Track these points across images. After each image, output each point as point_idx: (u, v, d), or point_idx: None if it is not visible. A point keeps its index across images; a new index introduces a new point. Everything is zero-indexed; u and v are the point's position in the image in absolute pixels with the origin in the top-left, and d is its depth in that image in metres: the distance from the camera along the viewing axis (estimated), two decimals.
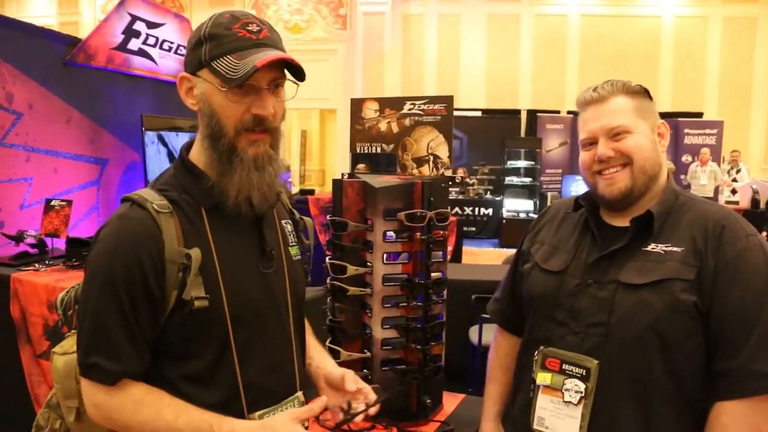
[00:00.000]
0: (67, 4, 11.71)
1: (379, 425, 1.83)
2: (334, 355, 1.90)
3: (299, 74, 1.23)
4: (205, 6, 11.76)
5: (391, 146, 5.04)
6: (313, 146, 14.87)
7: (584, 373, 1.35)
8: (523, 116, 10.62)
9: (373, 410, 1.33)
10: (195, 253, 1.17)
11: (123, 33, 4.11)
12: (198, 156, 1.25)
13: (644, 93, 1.46)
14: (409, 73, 11.09)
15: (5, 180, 3.15)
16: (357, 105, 5.20)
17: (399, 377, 1.84)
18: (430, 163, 4.95)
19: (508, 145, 9.43)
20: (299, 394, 1.35)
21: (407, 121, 4.97)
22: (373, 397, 1.34)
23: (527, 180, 9.42)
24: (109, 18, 4.02)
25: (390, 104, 5.09)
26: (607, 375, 1.34)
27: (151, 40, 4.41)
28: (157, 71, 4.56)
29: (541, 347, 1.44)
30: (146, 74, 4.41)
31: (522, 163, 9.55)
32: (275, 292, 1.32)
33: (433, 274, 1.85)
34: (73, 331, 1.31)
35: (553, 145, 10.09)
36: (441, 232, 1.84)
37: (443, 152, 4.91)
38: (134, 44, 4.26)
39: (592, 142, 1.44)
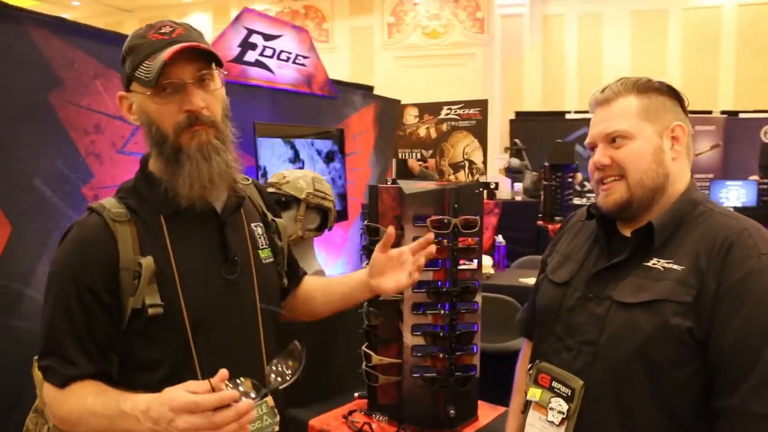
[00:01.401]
0: (221, 18, 12.58)
1: (402, 430, 1.84)
2: (366, 358, 1.92)
3: (215, 60, 1.24)
4: (345, 15, 12.16)
5: (430, 152, 4.96)
6: None
7: (569, 393, 1.27)
8: None
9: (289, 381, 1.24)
10: (146, 261, 1.18)
11: (239, 46, 4.36)
12: (154, 164, 1.29)
13: (660, 91, 1.32)
14: (549, 75, 10.79)
15: None
16: (399, 111, 5.16)
17: (427, 385, 1.83)
18: (466, 168, 4.82)
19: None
20: (267, 399, 1.30)
21: (444, 126, 4.88)
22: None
23: None
24: (225, 33, 4.29)
25: (428, 109, 5.03)
26: (592, 398, 1.24)
27: (268, 51, 4.64)
28: (274, 80, 4.77)
29: (537, 361, 1.38)
30: (263, 83, 4.62)
31: None
32: (240, 298, 1.30)
33: (465, 282, 1.82)
34: None
35: (702, 147, 9.38)
36: (471, 240, 1.80)
37: (478, 158, 4.76)
38: (251, 56, 4.48)
39: (592, 147, 1.35)
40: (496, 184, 5.37)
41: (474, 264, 1.84)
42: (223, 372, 1.07)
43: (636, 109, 1.30)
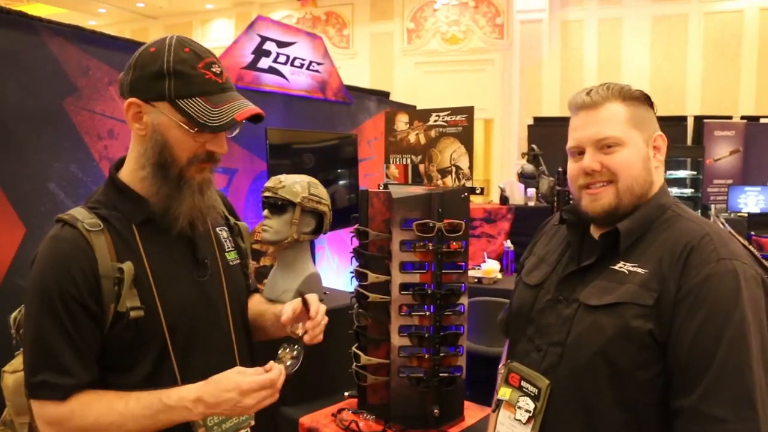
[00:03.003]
0: (243, 25, 12.69)
1: (389, 429, 1.89)
2: (355, 358, 1.98)
3: (259, 119, 1.33)
4: (365, 21, 12.24)
5: (419, 157, 4.99)
6: (478, 157, 14.84)
7: (536, 393, 1.31)
8: (690, 123, 9.86)
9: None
10: (127, 266, 1.23)
11: (253, 53, 4.44)
12: (130, 175, 1.32)
13: (644, 100, 1.34)
14: (568, 81, 10.74)
15: None
16: (390, 118, 5.22)
17: (413, 385, 1.88)
18: (453, 174, 4.84)
19: (667, 154, 8.71)
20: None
21: (433, 133, 4.90)
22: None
23: (688, 191, 8.75)
24: (238, 40, 4.38)
25: (418, 116, 5.06)
26: (557, 398, 1.28)
27: (282, 58, 4.71)
28: (287, 87, 4.83)
29: (508, 361, 1.43)
30: (276, 90, 4.69)
31: (683, 173, 8.89)
32: (212, 299, 1.37)
33: (451, 285, 1.87)
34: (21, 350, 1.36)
35: (721, 153, 9.28)
36: (456, 243, 1.86)
37: (464, 163, 4.77)
38: (264, 63, 4.55)
39: (580, 152, 1.35)
40: (482, 189, 5.41)
41: (461, 267, 1.89)
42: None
43: (625, 117, 1.32)
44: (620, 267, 1.28)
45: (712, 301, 1.15)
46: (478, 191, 4.93)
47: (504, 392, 1.39)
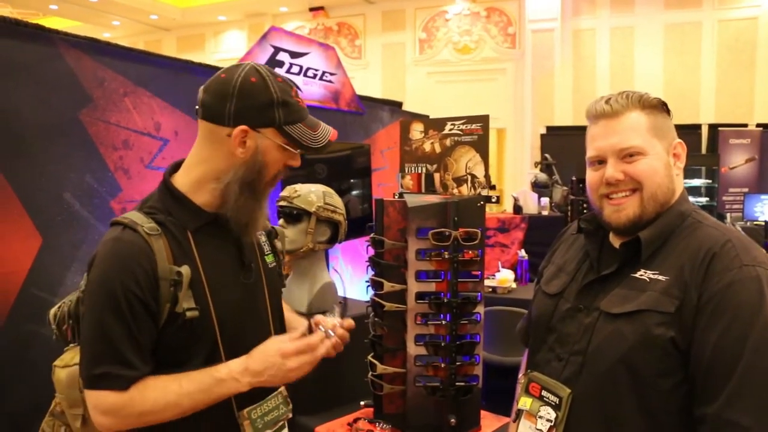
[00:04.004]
0: (255, 36, 12.80)
1: None
2: (371, 368, 1.97)
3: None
4: (377, 31, 12.29)
5: (435, 166, 4.98)
6: (491, 167, 14.82)
7: (557, 402, 1.30)
8: (704, 131, 9.80)
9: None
10: (186, 270, 1.32)
11: (266, 64, 4.45)
12: (188, 185, 1.41)
13: (662, 108, 1.33)
14: (580, 90, 10.72)
15: None
16: (405, 127, 5.23)
17: (429, 394, 1.87)
18: (468, 182, 4.81)
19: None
20: (282, 388, 1.52)
21: (448, 141, 4.89)
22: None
23: (703, 200, 8.69)
24: (251, 51, 4.40)
25: (433, 125, 5.06)
26: (579, 407, 1.27)
27: (295, 69, 4.73)
28: (301, 97, 4.83)
29: (529, 371, 1.41)
30: None
31: (698, 182, 8.83)
32: (256, 299, 1.49)
33: (467, 294, 1.86)
34: (71, 345, 1.47)
35: (737, 161, 9.21)
36: (472, 252, 1.85)
37: (480, 171, 4.74)
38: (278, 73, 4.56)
39: (600, 161, 1.34)
40: (497, 197, 5.41)
41: (477, 276, 1.88)
42: (318, 317, 1.50)
43: (646, 125, 1.31)
44: (641, 275, 1.27)
45: (735, 307, 1.14)
46: (493, 200, 4.91)
47: (525, 402, 1.38)
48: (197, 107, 1.40)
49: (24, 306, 2.63)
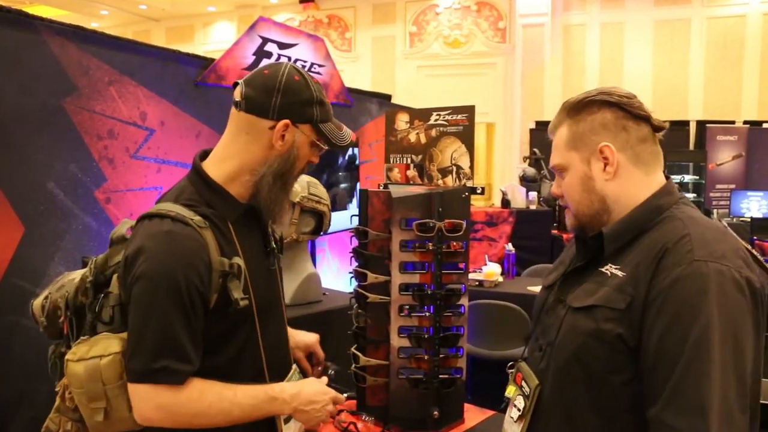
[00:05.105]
0: (245, 27, 12.73)
1: (388, 431, 1.87)
2: (354, 360, 1.96)
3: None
4: (368, 24, 12.25)
5: (420, 157, 4.99)
6: (479, 160, 14.83)
7: (528, 392, 1.31)
8: (692, 127, 9.84)
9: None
10: (239, 261, 1.38)
11: (254, 54, 4.43)
12: (223, 177, 1.45)
13: (595, 105, 1.30)
14: (570, 85, 10.74)
15: (137, 188, 3.55)
16: (391, 117, 5.23)
17: (412, 386, 1.86)
18: (453, 173, 4.83)
19: (669, 159, 8.73)
20: (294, 366, 1.62)
21: (433, 132, 4.89)
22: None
23: (690, 196, 8.74)
24: (239, 41, 4.37)
25: (419, 115, 5.06)
26: (545, 399, 1.29)
27: (284, 60, 4.69)
28: None
29: (519, 360, 1.43)
30: None
31: (686, 178, 8.88)
32: (276, 285, 1.59)
33: (451, 286, 1.86)
34: (83, 338, 1.40)
35: (724, 157, 9.27)
36: (457, 243, 1.84)
37: (465, 162, 4.76)
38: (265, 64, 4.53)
39: None
40: (483, 188, 5.41)
41: (461, 267, 1.87)
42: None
43: (565, 140, 1.32)
44: (606, 269, 1.25)
45: (678, 305, 1.09)
46: (479, 191, 4.91)
47: (509, 390, 1.41)
48: (238, 100, 1.42)
49: (5, 296, 2.60)
